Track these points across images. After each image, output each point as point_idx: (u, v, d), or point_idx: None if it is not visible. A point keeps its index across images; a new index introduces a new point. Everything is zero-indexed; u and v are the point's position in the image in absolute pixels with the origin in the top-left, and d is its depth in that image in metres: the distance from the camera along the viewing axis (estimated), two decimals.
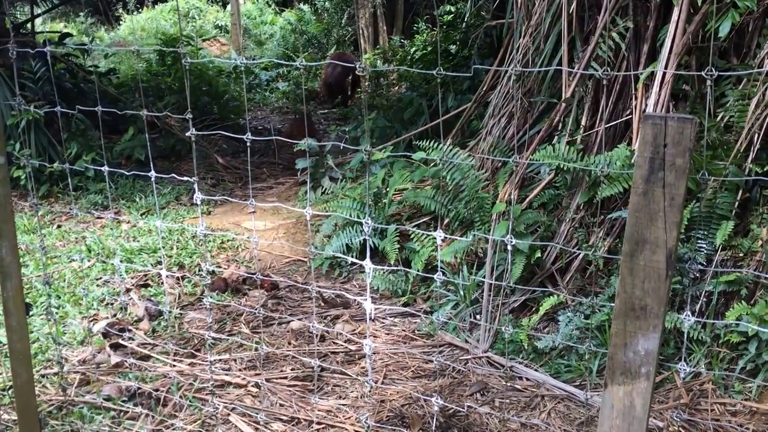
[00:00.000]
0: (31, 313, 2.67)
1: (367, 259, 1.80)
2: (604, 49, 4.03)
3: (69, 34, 8.87)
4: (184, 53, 1.92)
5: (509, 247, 1.75)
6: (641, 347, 1.49)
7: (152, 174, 2.14)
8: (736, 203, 3.35)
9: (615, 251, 3.75)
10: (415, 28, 13.60)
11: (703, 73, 1.58)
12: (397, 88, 11.84)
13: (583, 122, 4.20)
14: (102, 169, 2.37)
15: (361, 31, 13.42)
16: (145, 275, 4.50)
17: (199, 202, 2.03)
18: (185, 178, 2.46)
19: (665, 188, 1.42)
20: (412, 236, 4.54)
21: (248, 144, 1.97)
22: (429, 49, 10.25)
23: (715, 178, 3.35)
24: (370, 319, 3.93)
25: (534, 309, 3.83)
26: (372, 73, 12.37)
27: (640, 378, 1.50)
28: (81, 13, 15.41)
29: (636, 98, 3.89)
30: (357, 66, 1.74)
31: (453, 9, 12.50)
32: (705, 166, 3.32)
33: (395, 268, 4.10)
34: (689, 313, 1.77)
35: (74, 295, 4.16)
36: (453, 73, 7.61)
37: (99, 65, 10.31)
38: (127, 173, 2.82)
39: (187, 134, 1.90)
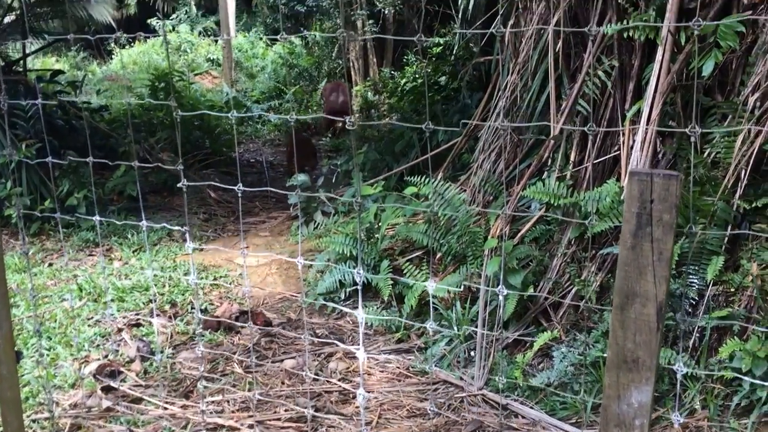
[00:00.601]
0: (21, 360, 2.65)
1: (360, 308, 1.81)
2: (590, 86, 4.10)
3: (61, 71, 8.93)
4: (175, 106, 1.95)
5: (501, 297, 1.76)
6: (634, 400, 1.50)
7: (143, 223, 2.14)
8: (726, 238, 3.38)
9: (607, 286, 3.77)
10: (404, 60, 13.75)
11: (687, 131, 1.61)
12: (387, 119, 11.94)
13: (572, 158, 4.25)
14: (95, 218, 2.38)
15: (351, 64, 13.55)
16: (137, 314, 4.47)
17: (191, 251, 2.03)
18: (176, 223, 2.47)
19: (653, 243, 1.44)
20: (405, 271, 4.55)
21: (239, 194, 1.99)
22: (419, 81, 10.36)
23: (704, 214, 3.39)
24: (363, 370, 3.92)
25: (528, 344, 3.83)
26: (363, 104, 12.50)
27: (634, 430, 1.51)
28: (73, 48, 15.51)
29: (623, 134, 3.95)
30: (347, 119, 1.76)
31: (442, 41, 12.68)
32: (693, 203, 3.36)
33: (389, 304, 4.11)
34: (681, 364, 1.78)
35: (65, 336, 4.13)
36: (443, 105, 7.63)
37: (91, 101, 10.33)
38: (117, 209, 2.81)
39: (179, 185, 1.91)
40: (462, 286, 4.02)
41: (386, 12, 14.85)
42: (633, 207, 1.46)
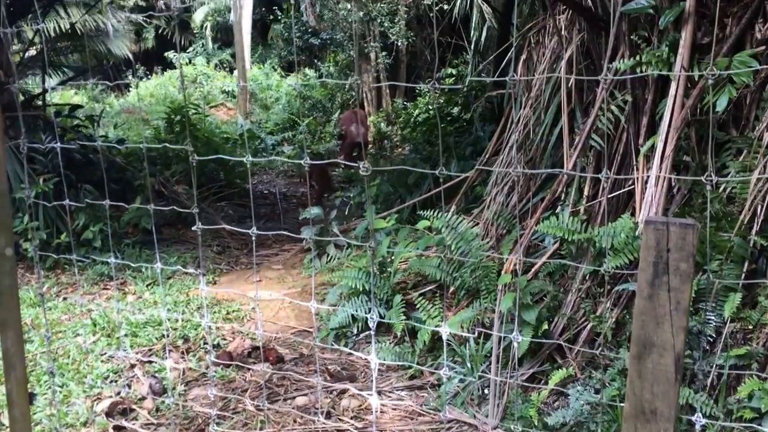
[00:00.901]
0: (34, 401, 2.65)
1: (373, 353, 1.79)
2: (603, 121, 4.10)
3: (79, 106, 9.07)
4: (191, 151, 1.96)
5: (515, 344, 1.74)
6: None
7: (158, 266, 2.15)
8: (743, 275, 3.33)
9: (623, 322, 3.72)
10: (417, 91, 13.86)
11: (702, 179, 1.60)
12: (400, 150, 12.00)
13: (585, 192, 4.23)
14: (111, 260, 2.39)
15: (364, 95, 13.67)
16: (150, 349, 4.47)
17: (203, 293, 2.03)
18: (190, 256, 2.47)
19: (670, 292, 1.42)
20: (417, 306, 4.52)
21: (253, 237, 1.99)
22: (431, 112, 10.43)
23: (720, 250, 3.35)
24: (376, 415, 3.88)
25: (543, 381, 3.77)
26: (376, 135, 12.58)
27: None
28: (91, 81, 15.75)
29: (638, 169, 3.93)
30: (361, 165, 1.77)
31: (454, 72, 12.78)
32: (709, 239, 3.33)
33: (400, 339, 4.07)
34: (700, 414, 1.74)
35: (78, 372, 4.13)
36: (455, 136, 7.66)
37: (108, 134, 10.49)
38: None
39: (193, 228, 1.92)
40: (476, 332, 3.97)
41: (399, 44, 15.03)
42: (649, 256, 1.44)
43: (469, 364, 3.97)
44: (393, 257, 4.99)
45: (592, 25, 4.51)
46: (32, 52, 11.08)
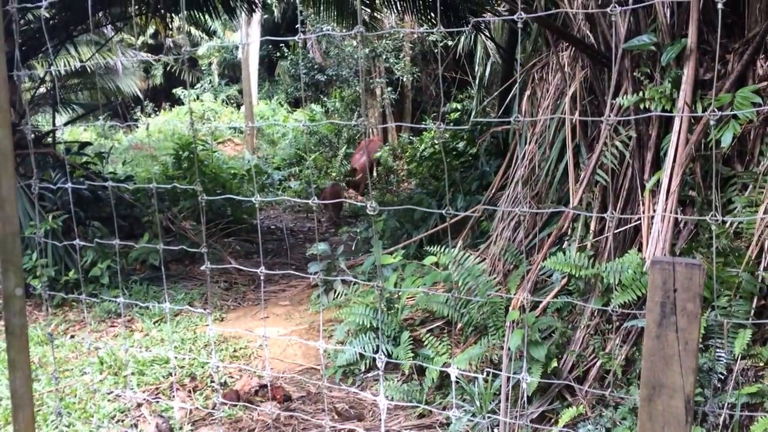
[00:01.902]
0: None
1: (381, 395, 1.78)
2: (608, 156, 4.12)
3: (89, 143, 9.18)
4: (200, 191, 1.99)
5: (524, 385, 1.73)
6: None
7: (167, 305, 2.16)
8: (752, 311, 3.32)
9: (633, 359, 3.69)
10: (423, 125, 13.98)
11: (707, 218, 1.61)
12: (406, 184, 12.06)
13: (592, 227, 4.24)
14: (119, 299, 2.40)
15: (370, 130, 13.78)
16: (157, 388, 4.45)
17: (211, 334, 2.04)
18: (197, 293, 2.48)
19: (678, 333, 1.42)
20: (425, 342, 4.50)
21: (262, 276, 2.00)
22: (437, 146, 10.49)
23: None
24: None
25: (553, 420, 3.73)
26: (382, 169, 12.65)
27: None
28: (101, 118, 15.98)
29: (643, 204, 3.94)
30: (368, 204, 1.79)
31: (459, 106, 12.91)
32: (717, 274, 3.32)
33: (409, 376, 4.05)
34: None
35: (85, 412, 4.10)
36: (461, 171, 7.69)
37: (116, 170, 10.59)
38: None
39: (202, 268, 1.93)
40: (484, 371, 3.94)
41: (404, 79, 15.23)
42: (656, 296, 1.45)
43: (478, 403, 3.93)
44: (400, 294, 4.98)
45: (595, 61, 4.57)
46: (42, 89, 11.27)
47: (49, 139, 8.53)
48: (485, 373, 4.12)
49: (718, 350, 3.31)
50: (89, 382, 4.49)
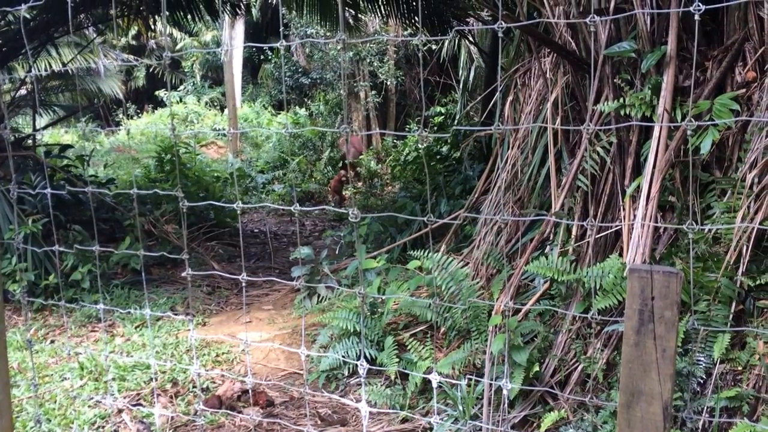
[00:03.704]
0: None
1: (363, 402, 1.79)
2: (589, 162, 4.16)
3: (69, 146, 9.09)
4: (182, 197, 1.98)
5: (505, 391, 1.75)
6: None
7: (147, 312, 2.15)
8: (731, 315, 3.36)
9: (614, 363, 3.72)
10: (407, 129, 14.00)
11: (684, 227, 1.63)
12: (390, 188, 12.08)
13: (573, 232, 4.27)
14: (99, 306, 2.38)
15: (354, 133, 13.79)
16: (138, 393, 4.41)
17: (193, 340, 2.03)
18: (179, 297, 2.46)
19: (656, 340, 1.44)
20: (408, 347, 4.50)
21: (243, 283, 2.00)
22: (421, 150, 10.52)
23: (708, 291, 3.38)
24: None
25: (535, 425, 3.75)
26: (366, 173, 12.66)
27: None
28: (82, 120, 15.85)
29: (624, 209, 3.98)
30: (350, 212, 1.79)
31: (443, 110, 12.96)
32: (696, 279, 3.36)
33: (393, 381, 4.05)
34: None
35: (65, 418, 4.06)
36: (445, 175, 7.70)
37: (98, 173, 10.50)
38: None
39: (183, 274, 1.92)
40: (466, 378, 3.96)
41: (388, 83, 15.25)
42: (634, 304, 1.47)
43: (461, 407, 3.94)
44: (384, 297, 4.98)
45: (577, 68, 4.61)
46: (23, 91, 11.15)
47: (30, 142, 8.44)
48: (468, 378, 4.13)
49: (697, 355, 3.35)
50: (69, 388, 4.45)
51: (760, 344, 3.20)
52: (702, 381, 3.31)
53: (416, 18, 8.94)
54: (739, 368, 3.27)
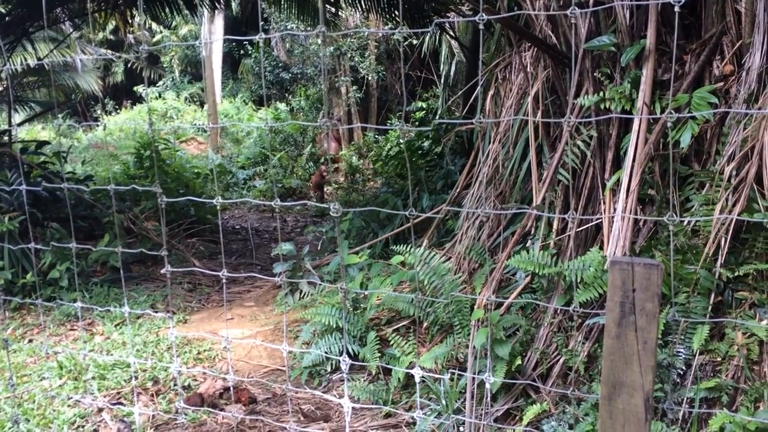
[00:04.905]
0: None
1: (346, 398, 1.78)
2: (570, 155, 4.17)
3: (46, 142, 8.96)
4: (160, 193, 1.95)
5: (488, 385, 1.74)
6: None
7: (126, 309, 2.12)
8: (710, 307, 3.39)
9: (595, 356, 3.75)
10: (388, 124, 13.98)
11: (665, 219, 1.64)
12: (372, 183, 12.06)
13: (554, 226, 4.29)
14: (77, 305, 2.34)
15: (332, 130, 13.73)
16: (118, 392, 4.37)
17: (173, 338, 2.00)
18: (160, 294, 2.43)
19: (637, 332, 1.44)
20: (391, 342, 4.50)
21: (224, 279, 1.97)
22: (402, 145, 10.51)
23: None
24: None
25: (518, 417, 3.77)
26: (348, 169, 12.63)
27: None
28: (59, 116, 15.64)
29: (604, 203, 4.00)
30: (332, 206, 1.77)
31: (424, 105, 12.95)
32: (675, 271, 3.39)
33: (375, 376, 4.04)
34: None
35: (44, 418, 4.00)
36: (426, 170, 7.69)
37: (76, 170, 10.36)
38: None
39: (163, 271, 1.90)
40: (449, 373, 3.96)
41: (369, 78, 15.21)
42: (616, 296, 1.47)
43: (444, 401, 3.94)
44: (366, 293, 4.97)
45: (557, 61, 4.62)
46: None
47: (5, 138, 8.30)
48: (450, 372, 4.14)
49: (677, 346, 3.38)
50: (48, 388, 4.39)
51: (738, 335, 3.24)
52: (682, 372, 3.34)
53: (396, 12, 8.92)
54: (719, 359, 3.30)
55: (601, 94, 4.00)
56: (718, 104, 3.71)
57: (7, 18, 7.89)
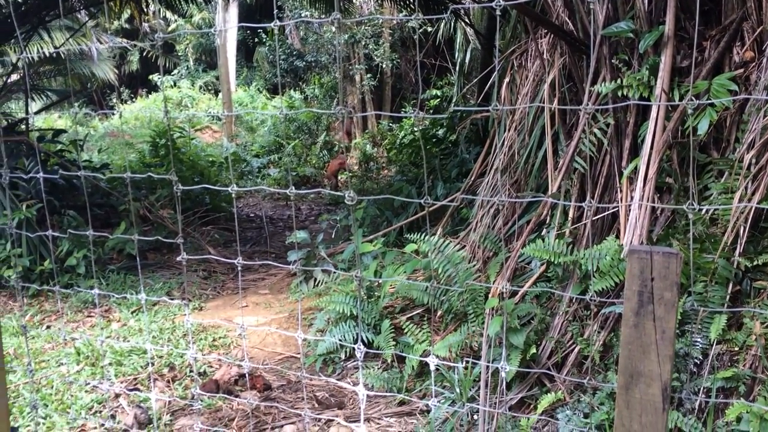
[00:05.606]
0: None
1: (360, 385, 1.78)
2: (587, 144, 4.14)
3: (63, 131, 9.02)
4: (175, 181, 1.96)
5: (503, 374, 1.73)
6: None
7: (142, 297, 2.13)
8: (728, 296, 3.36)
9: (611, 345, 3.73)
10: (403, 112, 13.93)
11: (684, 207, 1.61)
12: (386, 171, 12.04)
13: (570, 214, 4.26)
14: (94, 291, 2.36)
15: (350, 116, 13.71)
16: (135, 378, 4.41)
17: (189, 325, 2.01)
18: (175, 282, 2.45)
19: (656, 321, 1.42)
20: (405, 330, 4.50)
21: (239, 267, 1.98)
22: (417, 133, 10.47)
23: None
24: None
25: (532, 406, 3.76)
26: (362, 157, 12.62)
27: None
28: (75, 104, 15.73)
29: (621, 191, 3.96)
30: (347, 194, 1.77)
31: (439, 93, 12.88)
32: (693, 260, 3.35)
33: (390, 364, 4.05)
34: None
35: (62, 403, 4.05)
36: (441, 158, 7.66)
37: (92, 159, 10.43)
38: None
39: (178, 258, 1.90)
40: (463, 361, 3.96)
41: (384, 66, 15.15)
42: (634, 285, 1.45)
43: (458, 389, 3.95)
44: (381, 281, 4.98)
45: (574, 48, 4.57)
46: (15, 76, 11.05)
47: (22, 127, 8.37)
48: (465, 361, 4.13)
49: (694, 335, 3.35)
50: (66, 374, 4.44)
51: (756, 325, 3.20)
52: (699, 362, 3.31)
53: None
54: (736, 349, 3.27)
55: (619, 81, 3.95)
56: (738, 91, 3.65)
57: (23, 7, 7.93)
